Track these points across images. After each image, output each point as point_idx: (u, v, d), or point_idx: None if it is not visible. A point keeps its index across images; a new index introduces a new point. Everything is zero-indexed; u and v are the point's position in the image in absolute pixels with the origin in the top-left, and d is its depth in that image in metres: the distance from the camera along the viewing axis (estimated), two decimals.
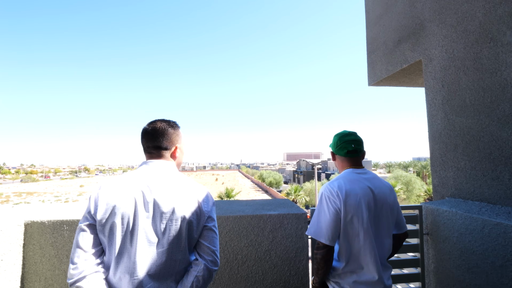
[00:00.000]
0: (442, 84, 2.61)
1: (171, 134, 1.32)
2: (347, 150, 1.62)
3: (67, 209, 2.31)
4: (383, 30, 3.60)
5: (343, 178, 1.54)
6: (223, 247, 2.11)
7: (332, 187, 1.49)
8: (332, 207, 1.45)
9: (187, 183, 1.25)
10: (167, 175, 1.23)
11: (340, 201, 1.44)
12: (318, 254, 1.46)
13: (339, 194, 1.45)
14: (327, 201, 1.47)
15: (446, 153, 2.57)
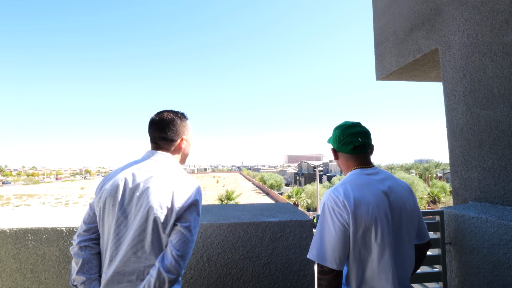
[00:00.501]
0: (464, 74, 2.31)
1: (177, 125, 1.30)
2: (353, 146, 1.28)
3: (33, 215, 2.02)
4: (392, 18, 3.31)
5: (349, 182, 1.22)
6: (215, 260, 1.81)
7: (336, 195, 1.17)
8: (338, 221, 1.14)
9: (177, 176, 1.18)
10: (161, 166, 1.20)
11: (348, 213, 1.13)
12: (323, 281, 1.15)
13: (346, 204, 1.14)
14: (332, 213, 1.15)
15: (469, 151, 2.27)
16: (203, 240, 1.81)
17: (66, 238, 1.76)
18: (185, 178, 1.19)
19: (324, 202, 1.20)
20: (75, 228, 1.76)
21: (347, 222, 1.13)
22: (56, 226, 1.76)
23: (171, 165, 1.23)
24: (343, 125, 1.34)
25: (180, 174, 1.20)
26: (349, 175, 1.26)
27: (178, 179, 1.17)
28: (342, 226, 1.13)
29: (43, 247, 1.75)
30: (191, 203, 1.13)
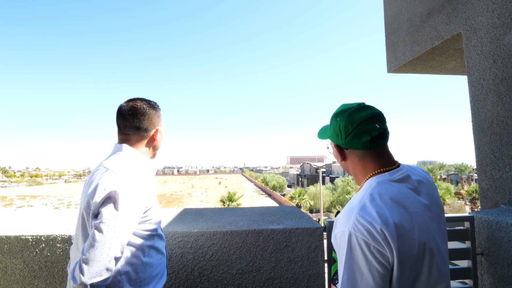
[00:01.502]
0: (494, 59, 2.02)
1: (151, 114, 1.18)
2: (370, 137, 0.87)
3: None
4: (406, 4, 3.03)
5: (379, 197, 0.80)
6: (208, 275, 1.54)
7: (369, 221, 0.75)
8: (377, 262, 0.73)
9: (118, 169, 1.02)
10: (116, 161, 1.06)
11: (391, 248, 0.73)
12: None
13: (386, 235, 0.74)
14: (366, 251, 0.74)
15: (500, 147, 1.99)
16: (194, 251, 1.54)
17: (32, 248, 1.49)
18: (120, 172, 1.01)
19: (350, 232, 0.76)
20: (42, 236, 1.49)
21: (390, 262, 0.74)
22: (20, 234, 1.49)
23: (127, 158, 1.09)
24: (346, 109, 0.93)
25: (123, 168, 1.04)
26: (374, 185, 0.85)
27: (114, 173, 1.01)
28: (383, 269, 0.74)
29: (5, 259, 1.49)
30: (106, 196, 0.95)
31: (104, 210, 0.94)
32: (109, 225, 0.92)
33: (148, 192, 1.07)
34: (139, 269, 1.04)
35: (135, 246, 1.04)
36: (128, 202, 0.97)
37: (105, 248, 0.90)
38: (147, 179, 1.10)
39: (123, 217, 0.94)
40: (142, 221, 1.06)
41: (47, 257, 1.50)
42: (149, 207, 1.08)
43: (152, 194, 1.11)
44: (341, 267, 0.77)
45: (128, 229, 0.97)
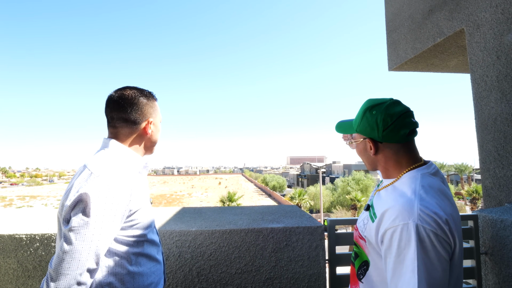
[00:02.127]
0: (497, 55, 1.99)
1: (142, 104, 1.05)
2: (408, 130, 0.89)
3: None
4: (407, 1, 3.00)
5: (431, 189, 0.83)
6: (206, 274, 1.50)
7: (434, 212, 0.76)
8: (445, 253, 0.74)
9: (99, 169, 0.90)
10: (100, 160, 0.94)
11: (454, 238, 0.77)
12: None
13: (450, 225, 0.76)
14: (436, 242, 0.74)
15: (504, 145, 1.95)
16: (192, 251, 1.50)
17: (26, 247, 1.46)
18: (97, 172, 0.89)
19: (417, 225, 0.74)
20: (37, 235, 1.46)
21: (451, 251, 0.77)
22: (14, 233, 1.46)
23: (111, 155, 0.98)
24: (381, 103, 0.93)
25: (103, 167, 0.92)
26: (420, 178, 0.86)
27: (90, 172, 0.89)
28: (448, 258, 0.76)
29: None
30: (77, 199, 0.84)
31: (74, 216, 0.83)
32: (79, 233, 0.81)
33: (132, 193, 0.94)
34: (125, 280, 0.93)
35: (118, 254, 0.93)
36: (103, 206, 0.85)
37: (74, 260, 0.80)
38: (135, 178, 0.98)
39: (95, 224, 0.83)
40: (126, 226, 0.94)
41: (41, 257, 1.46)
42: (134, 210, 0.96)
43: (139, 196, 0.99)
44: (405, 260, 0.75)
45: (103, 237, 0.85)
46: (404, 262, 0.74)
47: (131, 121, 1.04)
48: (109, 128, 1.06)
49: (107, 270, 0.91)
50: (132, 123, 1.04)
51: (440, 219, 0.75)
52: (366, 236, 0.91)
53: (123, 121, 1.03)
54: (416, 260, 0.72)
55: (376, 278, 0.89)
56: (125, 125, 1.04)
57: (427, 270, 0.72)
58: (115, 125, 1.04)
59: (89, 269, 0.83)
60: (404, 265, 0.74)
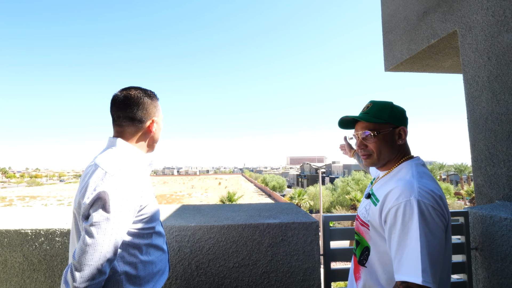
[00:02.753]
0: (488, 57, 2.05)
1: (147, 104, 1.11)
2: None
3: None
4: (403, 3, 3.06)
5: (425, 174, 0.98)
6: (205, 268, 1.56)
7: (431, 190, 0.90)
8: (443, 225, 0.87)
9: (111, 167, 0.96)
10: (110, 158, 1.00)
11: (447, 213, 0.90)
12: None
13: (443, 202, 0.90)
14: (434, 216, 0.86)
15: (495, 144, 2.01)
16: (191, 245, 1.56)
17: (32, 242, 1.51)
18: (112, 172, 0.95)
19: (418, 200, 0.87)
20: (41, 230, 1.51)
21: (445, 224, 0.89)
22: (20, 228, 1.51)
23: (120, 155, 1.03)
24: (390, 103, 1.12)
25: (116, 166, 0.97)
26: (415, 166, 1.01)
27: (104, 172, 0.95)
28: (444, 230, 0.88)
29: (5, 252, 1.51)
30: (96, 197, 0.90)
31: (94, 213, 0.89)
32: (100, 228, 0.88)
33: (143, 189, 1.02)
34: (138, 268, 1.01)
35: (131, 245, 1.01)
36: (120, 202, 0.92)
37: (96, 252, 0.86)
38: (142, 175, 1.04)
39: (114, 219, 0.90)
40: (137, 220, 1.02)
41: (46, 251, 1.52)
42: (144, 205, 1.03)
43: (147, 191, 1.06)
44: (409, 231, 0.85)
45: (120, 230, 0.93)
46: (409, 233, 0.84)
47: (137, 120, 1.09)
48: (115, 127, 1.10)
49: (122, 260, 0.98)
50: (138, 122, 1.09)
51: (436, 196, 0.89)
52: (370, 220, 1.01)
53: (129, 120, 1.08)
54: (418, 229, 0.83)
55: (377, 261, 0.99)
56: (131, 123, 1.09)
57: (427, 238, 0.83)
58: (121, 123, 1.09)
59: (109, 259, 0.89)
60: (409, 236, 0.84)
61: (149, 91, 1.15)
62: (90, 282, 0.85)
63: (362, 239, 1.06)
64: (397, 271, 0.85)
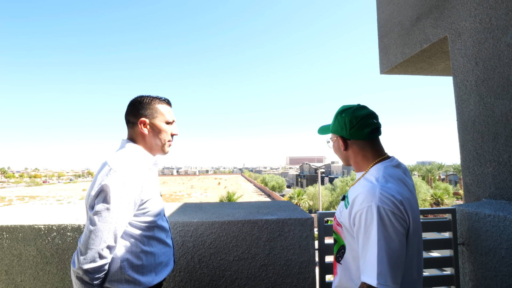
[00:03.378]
0: (476, 62, 2.15)
1: (139, 107, 1.19)
2: (370, 129, 1.07)
3: (9, 212, 1.87)
4: (397, 8, 3.17)
5: (391, 177, 1.00)
6: (207, 261, 1.66)
7: (392, 195, 0.93)
8: (401, 227, 0.91)
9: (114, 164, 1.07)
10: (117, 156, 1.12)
11: (408, 216, 0.94)
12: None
13: (405, 206, 0.93)
14: (393, 220, 0.90)
15: (482, 144, 2.11)
16: (194, 240, 1.66)
17: (45, 236, 1.61)
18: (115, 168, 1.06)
19: (378, 205, 0.91)
20: (54, 226, 1.61)
21: (407, 227, 0.94)
22: (33, 224, 1.61)
23: (125, 154, 1.14)
24: (349, 108, 1.13)
25: (120, 164, 1.08)
26: (383, 169, 1.04)
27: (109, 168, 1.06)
28: (404, 234, 0.92)
29: (19, 246, 1.61)
30: (99, 190, 1.02)
31: (97, 203, 1.01)
32: (101, 217, 0.99)
33: (143, 185, 1.10)
34: (140, 257, 1.11)
35: (134, 236, 1.11)
36: (119, 195, 1.02)
37: (97, 237, 0.98)
38: (144, 173, 1.13)
39: (114, 209, 1.00)
40: (139, 213, 1.11)
41: (58, 245, 1.62)
42: (145, 200, 1.12)
43: (150, 188, 1.14)
44: (370, 236, 0.91)
45: (120, 220, 1.02)
46: (370, 237, 0.90)
47: (130, 123, 1.21)
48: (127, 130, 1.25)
49: (125, 248, 1.09)
50: (131, 124, 1.21)
51: (397, 201, 0.92)
52: (342, 222, 1.07)
53: (127, 123, 1.22)
54: (377, 234, 0.89)
55: (351, 259, 1.05)
56: (128, 126, 1.22)
57: (386, 241, 0.88)
58: (128, 127, 1.23)
59: (109, 246, 1.01)
60: (370, 240, 0.90)
61: (148, 95, 1.22)
62: (92, 263, 0.97)
63: (339, 238, 1.13)
64: (362, 272, 0.92)
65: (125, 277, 1.06)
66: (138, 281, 1.08)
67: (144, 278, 1.10)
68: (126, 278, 1.06)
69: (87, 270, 0.96)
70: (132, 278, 1.07)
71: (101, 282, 1.02)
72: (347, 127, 1.10)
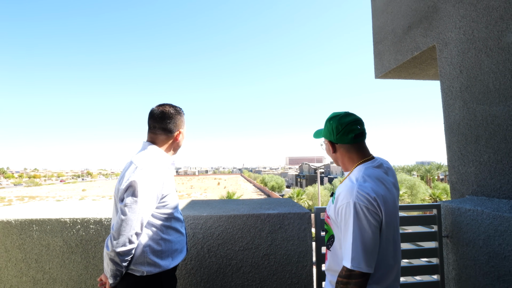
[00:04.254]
0: (460, 70, 2.35)
1: (176, 118, 1.42)
2: (354, 134, 1.23)
3: (38, 207, 2.06)
4: (391, 17, 3.36)
5: (369, 177, 1.15)
6: (215, 251, 1.85)
7: (367, 193, 1.09)
8: (374, 221, 1.08)
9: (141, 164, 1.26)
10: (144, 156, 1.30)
11: (381, 211, 1.10)
12: (352, 285, 1.06)
13: (378, 203, 1.09)
14: (366, 214, 1.07)
15: (465, 146, 2.31)
16: (203, 232, 1.85)
17: (70, 228, 1.80)
18: (141, 166, 1.24)
19: (355, 202, 1.08)
20: (78, 219, 1.80)
21: (380, 220, 1.10)
22: (60, 217, 1.80)
23: (149, 155, 1.32)
24: (337, 115, 1.29)
25: (144, 163, 1.26)
26: (363, 171, 1.19)
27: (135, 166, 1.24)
28: (377, 225, 1.09)
29: (48, 237, 1.79)
30: (128, 185, 1.20)
31: (126, 197, 1.19)
32: (131, 208, 1.17)
33: (164, 182, 1.29)
34: (160, 244, 1.29)
35: (155, 226, 1.28)
36: (145, 189, 1.20)
37: (128, 225, 1.16)
38: (165, 172, 1.32)
39: (141, 201, 1.18)
40: (160, 205, 1.29)
41: (82, 236, 1.80)
42: (165, 194, 1.31)
43: (169, 184, 1.33)
44: (348, 227, 1.08)
45: (145, 210, 1.20)
46: (348, 228, 1.09)
47: (168, 131, 1.40)
48: (149, 134, 1.41)
49: (147, 236, 1.27)
50: (169, 132, 1.41)
51: (371, 198, 1.08)
52: (330, 215, 1.26)
53: (162, 130, 1.39)
54: (352, 225, 1.07)
55: (338, 247, 1.23)
56: (163, 133, 1.40)
57: (360, 232, 1.06)
58: (156, 132, 1.39)
59: (137, 233, 1.20)
60: (348, 231, 1.09)
61: (178, 108, 1.46)
62: (123, 247, 1.16)
63: (329, 228, 1.30)
64: (342, 258, 1.11)
65: (147, 260, 1.24)
66: (158, 264, 1.27)
67: (163, 262, 1.29)
68: (148, 261, 1.25)
69: (119, 252, 1.15)
70: (153, 261, 1.25)
71: (128, 264, 1.21)
72: (334, 132, 1.27)
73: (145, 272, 1.23)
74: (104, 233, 1.80)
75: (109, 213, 1.86)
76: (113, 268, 1.18)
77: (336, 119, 1.28)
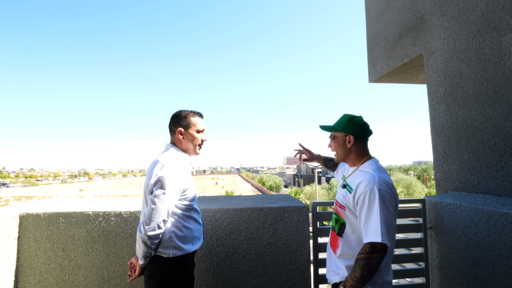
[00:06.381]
0: (444, 77, 2.58)
1: (177, 119, 1.60)
2: (369, 135, 1.54)
3: (64, 202, 2.26)
4: (383, 26, 3.59)
5: (382, 169, 1.41)
6: (223, 241, 2.06)
7: (386, 181, 1.33)
8: (394, 204, 1.31)
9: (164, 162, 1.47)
10: (164, 155, 1.52)
11: (397, 197, 1.34)
12: (376, 258, 1.23)
13: (394, 189, 1.33)
14: (389, 198, 1.29)
15: (449, 146, 2.54)
16: (212, 223, 2.07)
17: (93, 220, 2.01)
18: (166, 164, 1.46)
19: (379, 188, 1.29)
20: (100, 212, 2.01)
21: (395, 205, 1.32)
22: (84, 211, 2.00)
23: (171, 155, 1.54)
24: (356, 117, 1.55)
25: (169, 161, 1.48)
26: (376, 164, 1.44)
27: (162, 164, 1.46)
28: (396, 208, 1.32)
29: (73, 229, 2.00)
30: (156, 180, 1.42)
31: (156, 189, 1.40)
32: (160, 199, 1.39)
33: (185, 177, 1.51)
34: (182, 230, 1.50)
35: (178, 215, 1.51)
36: (171, 183, 1.41)
37: (157, 213, 1.38)
38: (185, 169, 1.54)
39: (167, 193, 1.40)
40: (182, 198, 1.52)
41: (104, 228, 2.01)
42: (186, 188, 1.53)
43: (188, 179, 1.54)
44: (373, 209, 1.27)
45: (171, 201, 1.42)
46: (372, 211, 1.28)
47: (171, 131, 1.63)
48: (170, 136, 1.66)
49: (171, 223, 1.49)
50: (172, 132, 1.63)
51: (389, 185, 1.32)
52: (346, 204, 1.45)
53: (169, 131, 1.65)
54: (379, 208, 1.26)
55: (351, 232, 1.44)
56: (170, 133, 1.64)
57: (384, 213, 1.26)
58: (170, 134, 1.65)
59: (164, 220, 1.42)
60: (373, 213, 1.28)
61: (188, 110, 1.64)
62: (153, 231, 1.37)
63: (339, 218, 1.50)
64: (365, 236, 1.27)
65: (172, 244, 1.46)
66: (182, 247, 1.48)
67: (185, 246, 1.50)
68: (173, 245, 1.46)
69: (150, 236, 1.36)
70: (177, 245, 1.47)
71: (156, 247, 1.43)
72: (359, 129, 1.51)
73: (171, 254, 1.45)
74: (123, 224, 2.01)
75: (128, 207, 2.06)
76: (144, 249, 1.39)
77: (359, 119, 1.54)
